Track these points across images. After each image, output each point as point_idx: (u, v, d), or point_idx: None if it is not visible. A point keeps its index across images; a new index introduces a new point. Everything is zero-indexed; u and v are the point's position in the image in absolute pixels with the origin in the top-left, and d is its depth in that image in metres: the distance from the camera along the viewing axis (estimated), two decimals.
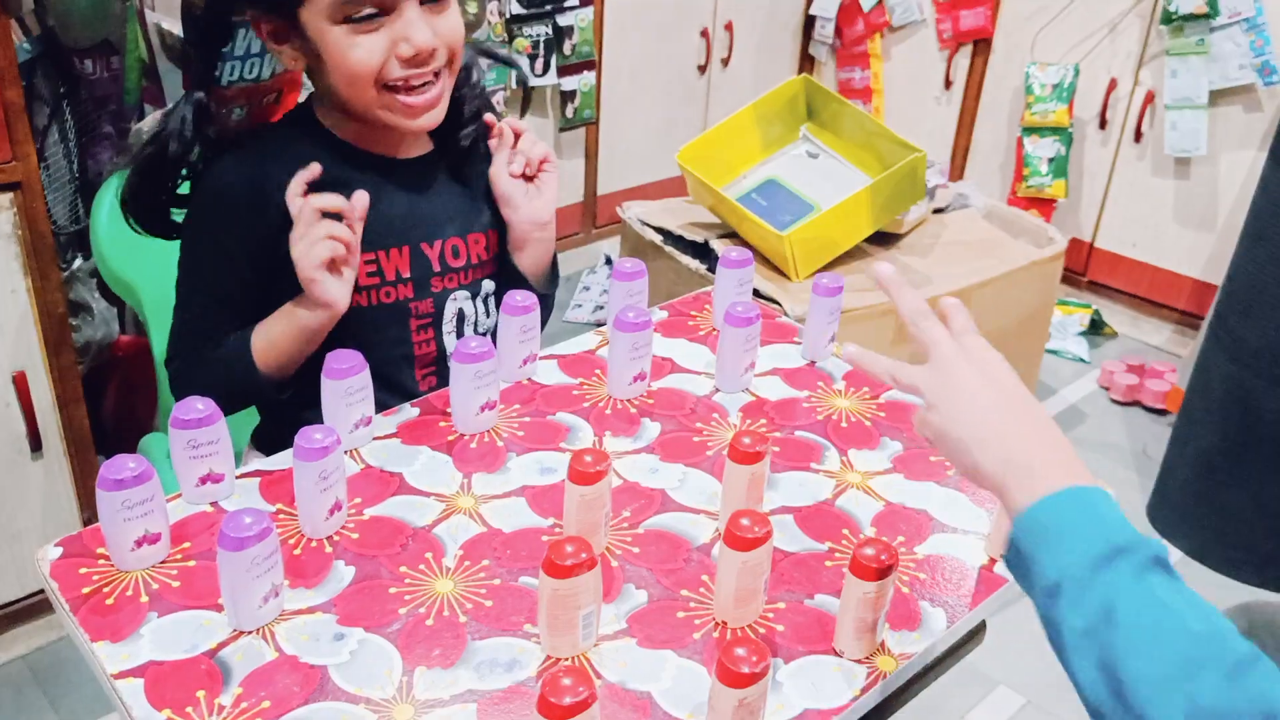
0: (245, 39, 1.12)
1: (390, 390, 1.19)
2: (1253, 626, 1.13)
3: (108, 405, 1.96)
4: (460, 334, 1.24)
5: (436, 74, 1.11)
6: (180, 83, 1.88)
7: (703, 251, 2.24)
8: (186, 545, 0.93)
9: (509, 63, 1.36)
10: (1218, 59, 2.64)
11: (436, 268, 1.20)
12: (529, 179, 1.23)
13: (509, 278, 1.26)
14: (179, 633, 0.84)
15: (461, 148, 1.23)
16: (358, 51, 1.06)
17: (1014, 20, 3.08)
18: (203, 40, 1.12)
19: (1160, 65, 2.78)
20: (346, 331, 1.14)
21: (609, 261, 3.25)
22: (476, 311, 1.25)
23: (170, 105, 1.14)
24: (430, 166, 1.22)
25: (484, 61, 1.30)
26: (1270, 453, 2.04)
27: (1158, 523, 2.30)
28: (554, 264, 1.32)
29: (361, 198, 1.08)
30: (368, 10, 1.05)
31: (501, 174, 1.22)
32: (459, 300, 1.23)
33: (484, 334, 1.27)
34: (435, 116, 1.13)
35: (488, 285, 1.26)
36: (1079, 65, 2.93)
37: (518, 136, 1.23)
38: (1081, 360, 2.95)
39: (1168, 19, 2.67)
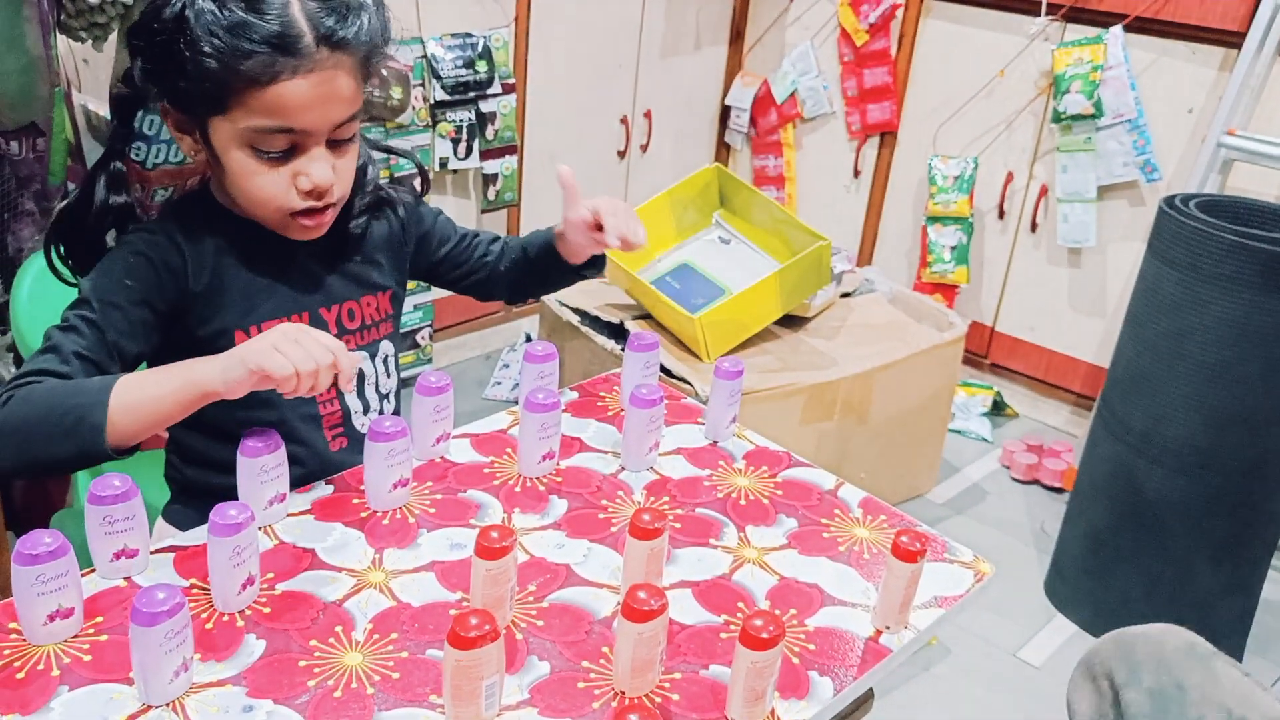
0: None
1: (304, 448, 1.22)
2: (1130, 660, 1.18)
3: (20, 482, 1.95)
4: (361, 394, 1.28)
5: (329, 206, 1.15)
6: None
7: (618, 332, 2.31)
8: (99, 620, 0.95)
9: (411, 158, 1.40)
10: (1104, 156, 2.82)
11: (334, 331, 1.24)
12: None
13: (547, 267, 1.41)
14: (89, 706, 0.86)
15: (351, 234, 1.26)
16: (259, 180, 1.10)
17: (917, 115, 3.24)
18: (123, 113, 1.14)
19: (1052, 161, 2.95)
20: (257, 395, 1.18)
21: (529, 339, 3.31)
22: (376, 372, 1.29)
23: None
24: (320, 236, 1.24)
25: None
26: (1153, 529, 2.14)
27: (1054, 597, 2.39)
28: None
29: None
30: (279, 149, 1.09)
31: (586, 223, 1.30)
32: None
33: (384, 394, 1.32)
34: (320, 233, 1.18)
35: (386, 346, 1.31)
36: (978, 159, 3.09)
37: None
38: (984, 440, 3.06)
39: (1058, 118, 2.84)
